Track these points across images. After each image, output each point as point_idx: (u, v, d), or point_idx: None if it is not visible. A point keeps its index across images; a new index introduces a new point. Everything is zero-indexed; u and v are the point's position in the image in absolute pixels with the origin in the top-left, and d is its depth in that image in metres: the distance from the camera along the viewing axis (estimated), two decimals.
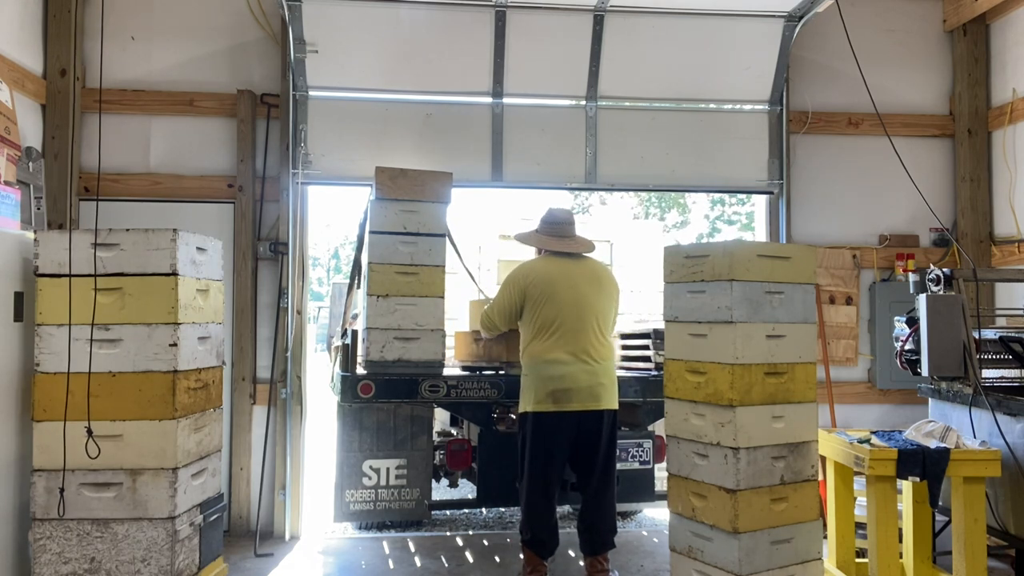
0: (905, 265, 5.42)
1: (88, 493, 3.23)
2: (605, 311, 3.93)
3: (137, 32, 5.15)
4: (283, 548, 4.88)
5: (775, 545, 3.31)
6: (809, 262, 3.53)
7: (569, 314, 3.80)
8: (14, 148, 4.25)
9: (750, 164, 5.49)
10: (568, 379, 3.72)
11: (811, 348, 3.51)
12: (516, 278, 3.98)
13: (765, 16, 5.22)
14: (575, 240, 4.06)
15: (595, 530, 3.84)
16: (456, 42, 5.15)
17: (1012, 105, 5.30)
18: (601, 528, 3.86)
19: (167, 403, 3.25)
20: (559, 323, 3.79)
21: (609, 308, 3.97)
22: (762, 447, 3.30)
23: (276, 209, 5.16)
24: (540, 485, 3.82)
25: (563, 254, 4.01)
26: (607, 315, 3.95)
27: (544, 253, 4.10)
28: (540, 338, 3.82)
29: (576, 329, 3.79)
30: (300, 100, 5.14)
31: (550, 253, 4.05)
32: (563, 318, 3.80)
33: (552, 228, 4.08)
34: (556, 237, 4.03)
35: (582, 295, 3.85)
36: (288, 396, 5.09)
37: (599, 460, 3.81)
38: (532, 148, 5.32)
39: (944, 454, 3.45)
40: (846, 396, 5.47)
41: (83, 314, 3.22)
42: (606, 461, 3.86)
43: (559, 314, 3.81)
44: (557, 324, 3.79)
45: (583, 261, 4.02)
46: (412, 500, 4.68)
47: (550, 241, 4.03)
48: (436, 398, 4.61)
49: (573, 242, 4.04)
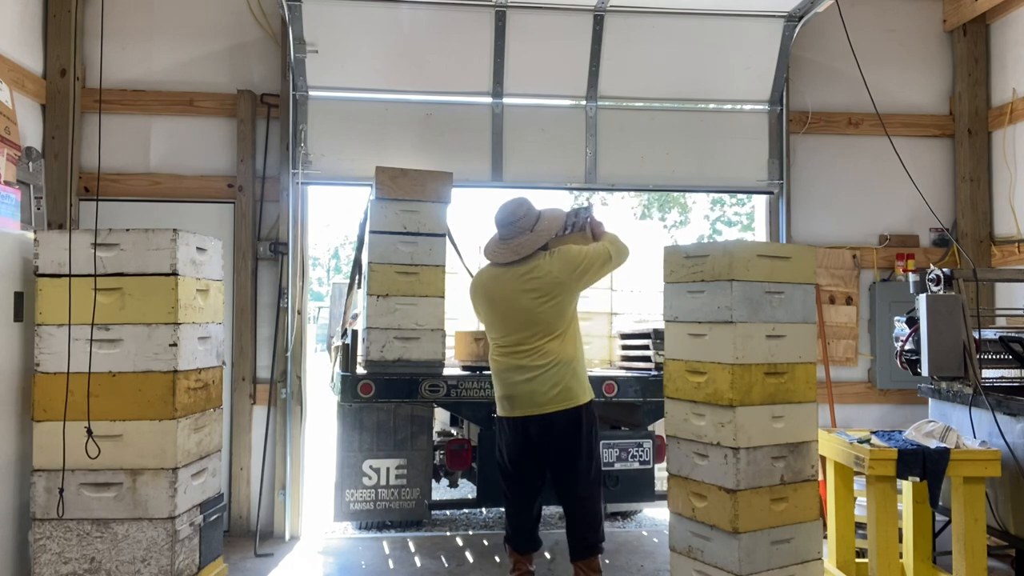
0: (905, 265, 5.42)
1: (88, 493, 3.23)
2: (546, 312, 3.57)
3: (137, 32, 5.15)
4: (283, 548, 4.88)
5: (775, 545, 3.31)
6: (809, 262, 3.53)
7: (505, 325, 3.65)
8: (14, 148, 4.25)
9: (750, 164, 5.49)
10: (509, 386, 3.63)
11: (811, 348, 3.51)
12: (470, 293, 3.88)
13: (765, 16, 5.22)
14: (511, 244, 3.66)
15: (569, 536, 3.73)
16: (456, 42, 5.16)
17: (1012, 105, 5.30)
18: (573, 534, 3.70)
19: (167, 403, 3.25)
20: (498, 334, 3.68)
21: (551, 307, 3.57)
22: (762, 447, 3.30)
23: (276, 209, 5.16)
24: (505, 482, 3.81)
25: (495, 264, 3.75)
26: (549, 315, 3.57)
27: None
28: (492, 347, 3.76)
29: (514, 340, 3.62)
30: (300, 100, 5.14)
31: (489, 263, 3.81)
32: (500, 329, 3.67)
33: (494, 235, 3.79)
34: (494, 243, 3.74)
35: (513, 303, 3.61)
36: (288, 396, 5.09)
37: (562, 464, 3.64)
38: (532, 148, 5.32)
39: (944, 454, 3.45)
40: (846, 396, 5.47)
41: (83, 314, 3.22)
42: (568, 464, 3.63)
43: (495, 325, 3.69)
44: (497, 335, 3.69)
45: (520, 264, 3.63)
46: (412, 500, 4.68)
47: (488, 250, 3.77)
48: (436, 398, 4.62)
49: (507, 247, 3.67)
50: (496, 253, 3.71)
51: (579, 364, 3.66)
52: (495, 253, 3.71)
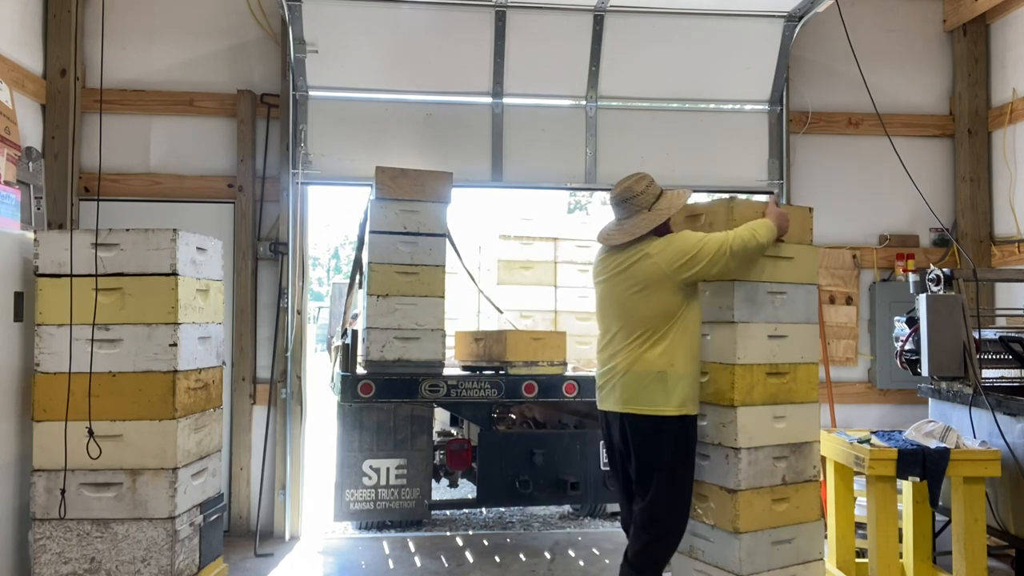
0: (905, 265, 5.42)
1: (88, 493, 3.23)
2: (640, 307, 3.20)
3: (137, 32, 5.14)
4: (283, 548, 4.88)
5: (776, 545, 3.30)
6: (812, 262, 3.53)
7: (601, 314, 3.43)
8: (14, 148, 4.24)
9: (750, 164, 5.49)
10: (599, 376, 3.40)
11: (814, 348, 3.50)
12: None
13: (765, 16, 5.22)
14: (624, 225, 3.30)
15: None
16: (456, 42, 5.15)
17: (1012, 105, 5.30)
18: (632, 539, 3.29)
19: (167, 403, 3.25)
20: (598, 323, 3.46)
21: (646, 301, 3.18)
22: (763, 447, 3.30)
23: (276, 209, 5.16)
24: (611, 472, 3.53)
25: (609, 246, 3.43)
26: (643, 311, 3.19)
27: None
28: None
29: (605, 332, 3.38)
30: (300, 100, 5.14)
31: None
32: (598, 318, 3.46)
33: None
34: (611, 225, 3.40)
35: (610, 291, 3.33)
36: (288, 396, 5.09)
37: (636, 472, 3.27)
38: (532, 148, 5.32)
39: (944, 454, 3.45)
40: (846, 396, 5.47)
41: (83, 314, 3.22)
42: (640, 475, 3.25)
43: (597, 312, 3.47)
44: (598, 323, 3.46)
45: (624, 250, 3.28)
46: (412, 500, 4.68)
47: (603, 233, 3.43)
48: (436, 398, 4.62)
49: (620, 228, 3.32)
50: (610, 235, 3.33)
51: (676, 373, 3.17)
52: (609, 235, 3.33)
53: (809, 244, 3.55)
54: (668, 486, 3.18)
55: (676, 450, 3.19)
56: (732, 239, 3.14)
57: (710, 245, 3.13)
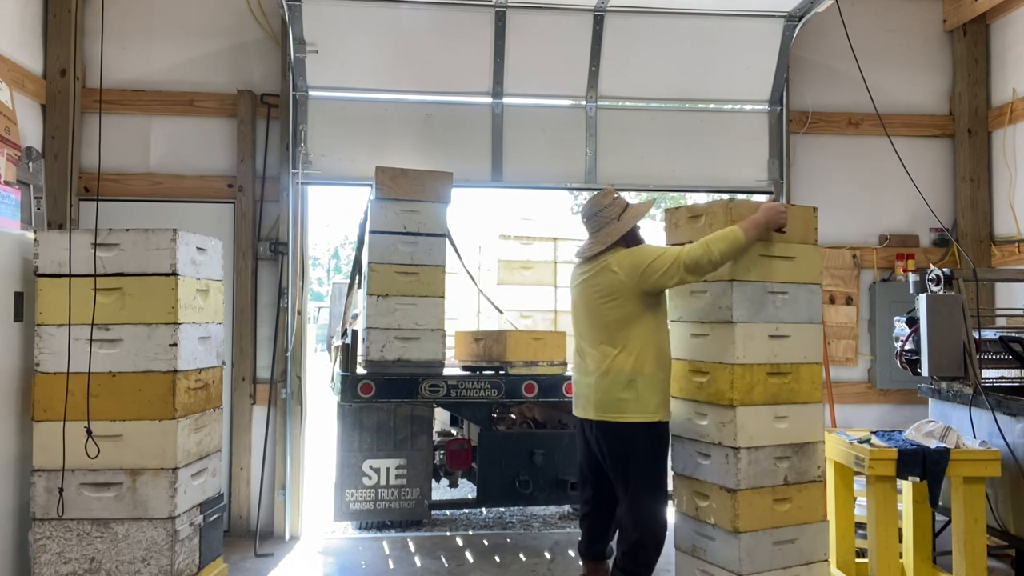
0: (905, 265, 5.42)
1: (88, 493, 3.23)
2: (608, 314, 3.36)
3: (137, 32, 5.14)
4: (283, 548, 4.88)
5: (778, 545, 3.30)
6: (815, 262, 3.52)
7: (575, 322, 3.61)
8: (14, 148, 4.24)
9: (750, 164, 5.49)
10: (575, 384, 3.57)
11: (816, 348, 3.50)
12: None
13: (765, 16, 5.22)
14: (597, 236, 3.50)
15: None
16: (456, 42, 5.15)
17: (1012, 105, 5.30)
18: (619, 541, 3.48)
19: (167, 403, 3.24)
20: (574, 330, 3.61)
21: (612, 309, 3.35)
22: (764, 447, 3.30)
23: (276, 209, 5.16)
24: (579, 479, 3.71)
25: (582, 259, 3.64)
26: (610, 318, 3.36)
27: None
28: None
29: (579, 338, 3.55)
30: (300, 100, 5.14)
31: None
32: (574, 325, 3.62)
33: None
34: (584, 243, 3.61)
35: (581, 300, 3.52)
36: (288, 396, 5.09)
37: (606, 469, 3.46)
38: (532, 148, 5.32)
39: (944, 454, 3.45)
40: (846, 396, 5.47)
41: (83, 314, 3.21)
42: (617, 480, 3.42)
43: (573, 320, 3.63)
44: (574, 331, 3.62)
45: (594, 260, 3.47)
46: (412, 500, 4.68)
47: (581, 250, 3.63)
48: (436, 398, 4.62)
49: (593, 240, 3.52)
50: (585, 249, 3.55)
51: (647, 379, 3.32)
52: (584, 250, 3.55)
53: (813, 244, 3.55)
54: (646, 487, 3.35)
55: (650, 454, 3.37)
56: (684, 255, 3.27)
57: (663, 259, 3.30)
